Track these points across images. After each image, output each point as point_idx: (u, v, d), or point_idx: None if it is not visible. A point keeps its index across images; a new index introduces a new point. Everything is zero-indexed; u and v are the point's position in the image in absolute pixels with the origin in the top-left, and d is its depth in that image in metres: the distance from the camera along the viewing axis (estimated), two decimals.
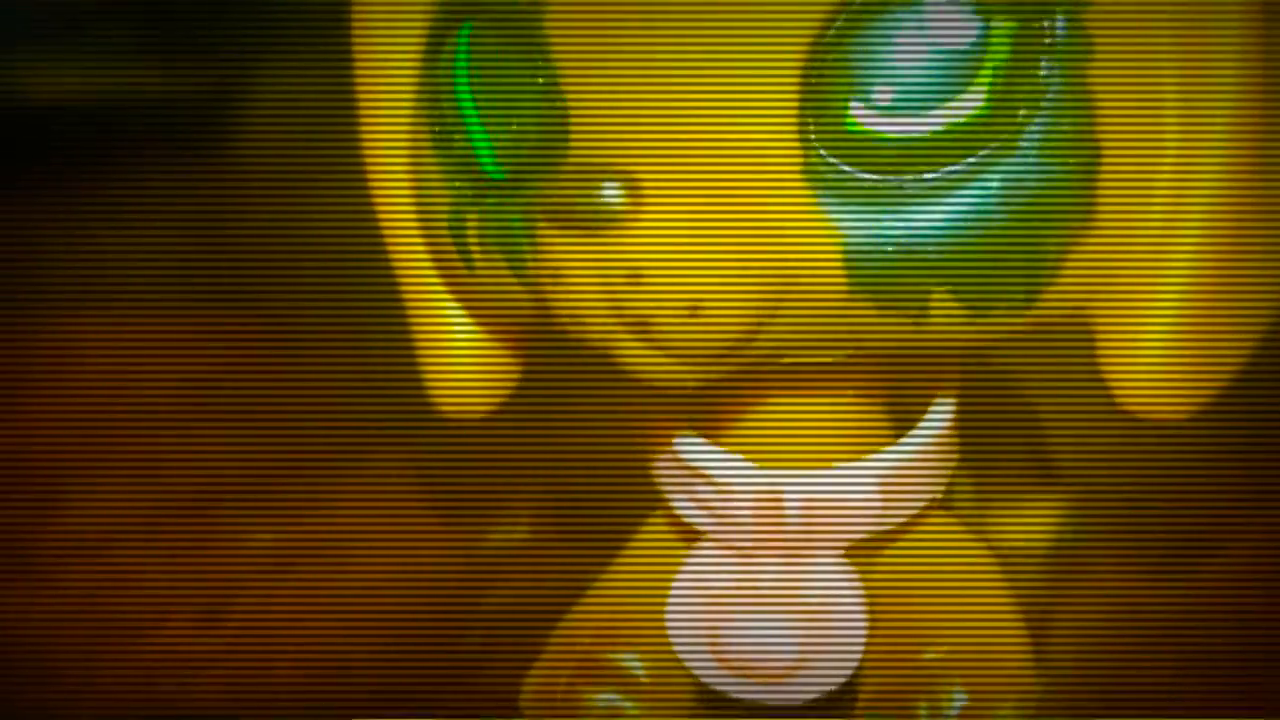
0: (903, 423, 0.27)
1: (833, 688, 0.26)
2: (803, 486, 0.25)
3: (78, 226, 0.66)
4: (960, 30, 0.21)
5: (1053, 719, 0.26)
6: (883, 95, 0.21)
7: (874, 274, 0.22)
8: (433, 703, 0.28)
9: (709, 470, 0.26)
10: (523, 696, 0.27)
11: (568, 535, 0.34)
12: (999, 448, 0.30)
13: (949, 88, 0.21)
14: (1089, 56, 0.21)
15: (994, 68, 0.21)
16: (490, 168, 0.23)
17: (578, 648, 0.27)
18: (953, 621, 0.27)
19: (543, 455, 0.37)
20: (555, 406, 0.34)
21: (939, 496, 0.27)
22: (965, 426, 0.27)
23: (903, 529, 0.27)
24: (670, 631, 0.26)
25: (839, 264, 0.22)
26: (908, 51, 0.21)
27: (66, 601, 0.32)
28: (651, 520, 0.28)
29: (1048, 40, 0.21)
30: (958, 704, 0.25)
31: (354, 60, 0.26)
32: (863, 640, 0.26)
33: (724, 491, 0.26)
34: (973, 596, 0.27)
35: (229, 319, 0.52)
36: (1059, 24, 0.21)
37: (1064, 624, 0.30)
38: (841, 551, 0.26)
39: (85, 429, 0.41)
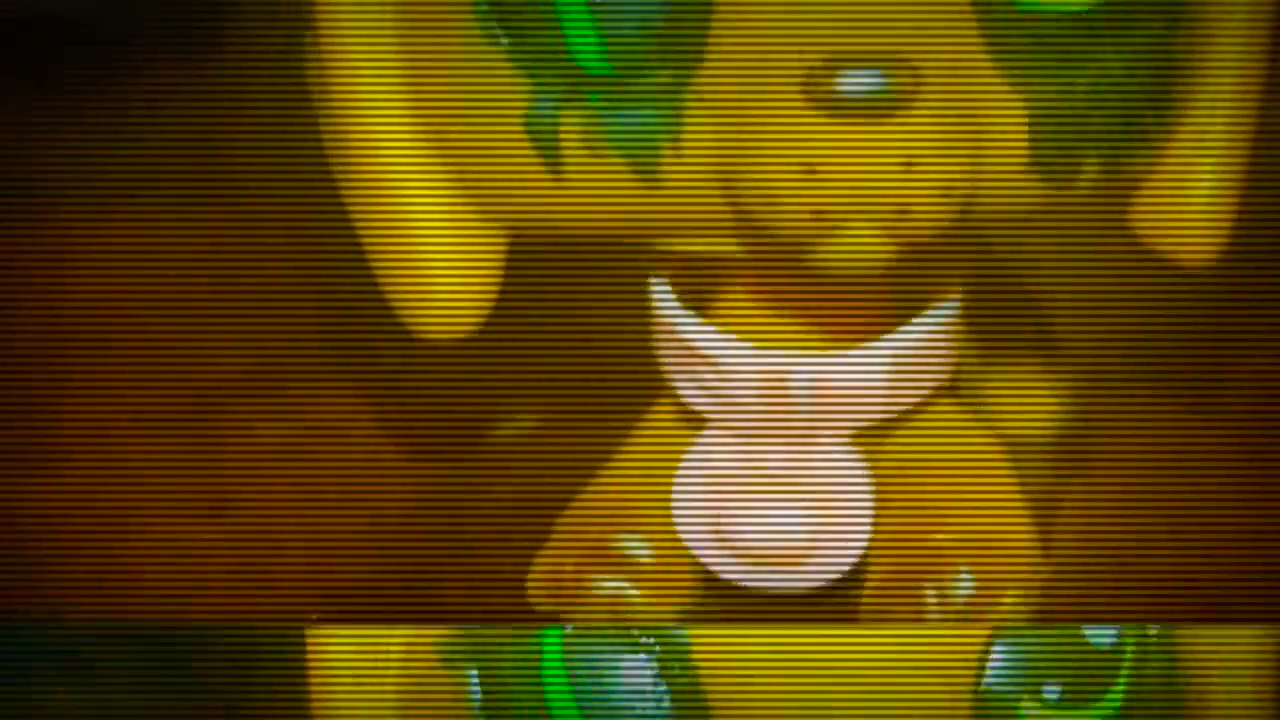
0: (906, 307, 0.27)
1: (839, 574, 0.26)
2: (810, 369, 0.25)
3: (81, 129, 0.65)
4: None
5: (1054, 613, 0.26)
6: None
7: (1051, 142, 0.23)
8: (433, 599, 0.27)
9: (714, 354, 0.26)
10: (529, 585, 0.27)
11: (572, 427, 0.34)
12: (1004, 331, 0.30)
13: None
14: None
15: None
16: (594, 63, 0.22)
17: (584, 535, 0.27)
18: (959, 507, 0.26)
19: (543, 355, 0.37)
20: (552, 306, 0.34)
21: (945, 382, 0.27)
22: (971, 311, 0.27)
23: (909, 415, 0.27)
24: (676, 518, 0.26)
25: (1024, 135, 0.23)
26: None
27: (72, 495, 0.32)
28: (657, 406, 0.28)
29: None
30: (964, 588, 0.25)
31: None
32: (870, 526, 0.26)
33: (727, 374, 0.25)
34: (979, 482, 0.27)
35: (230, 219, 0.52)
36: None
37: (1069, 514, 0.30)
38: (848, 437, 0.26)
39: (89, 328, 0.41)
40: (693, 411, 0.27)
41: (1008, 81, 0.22)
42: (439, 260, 0.25)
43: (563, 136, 0.23)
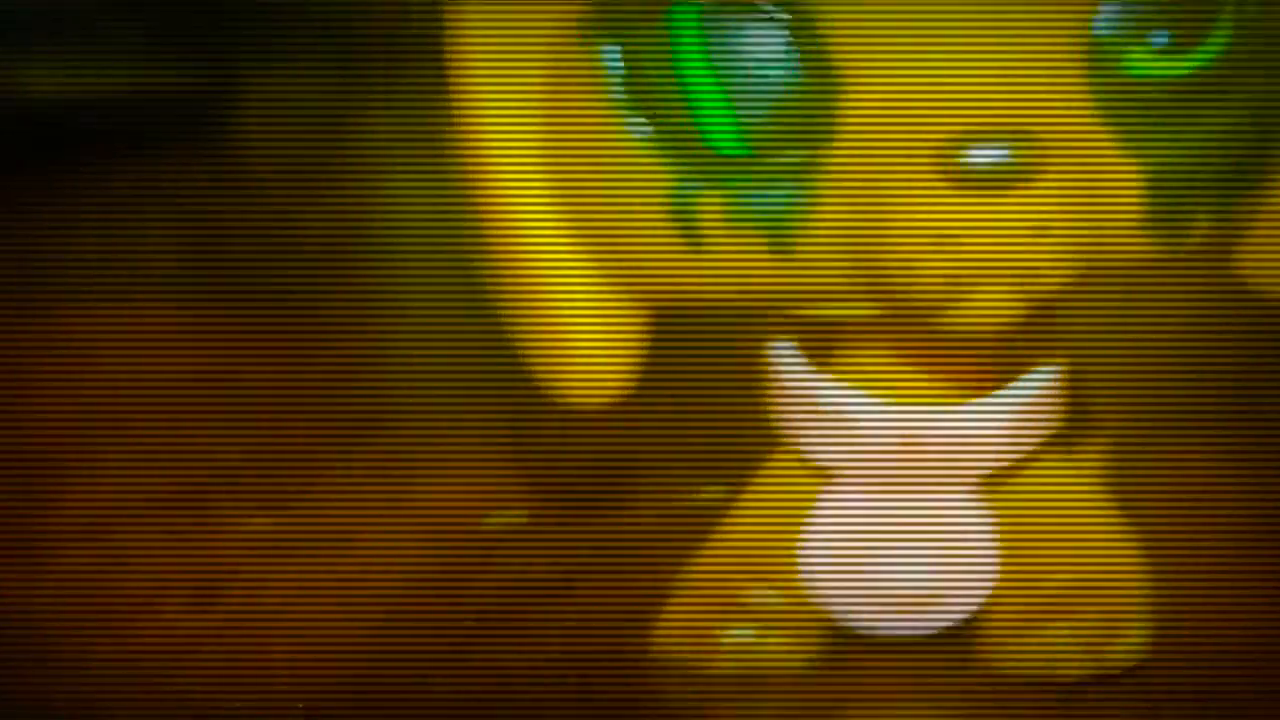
0: (1021, 359, 0.28)
1: (965, 617, 0.27)
2: (941, 421, 0.26)
3: (80, 220, 0.66)
4: None
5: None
6: (1157, 38, 0.23)
7: (1166, 205, 0.24)
8: (424, 690, 0.28)
9: (849, 412, 0.27)
10: (658, 635, 0.28)
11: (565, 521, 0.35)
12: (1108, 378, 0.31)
13: (1204, 28, 0.24)
14: None
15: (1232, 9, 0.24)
16: (729, 144, 0.24)
17: (714, 587, 0.28)
18: (1076, 550, 0.28)
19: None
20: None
21: (1056, 429, 0.28)
22: (1079, 360, 0.28)
23: (1021, 464, 0.28)
24: (805, 568, 0.27)
25: (1139, 198, 0.24)
26: None
27: (62, 585, 0.32)
28: (773, 461, 0.29)
29: None
30: (1089, 628, 0.27)
31: (452, 61, 0.26)
32: (995, 570, 0.27)
33: (864, 432, 0.27)
34: (1091, 525, 0.28)
35: (225, 311, 0.53)
36: None
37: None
38: (972, 485, 0.27)
39: (83, 417, 0.42)
40: (815, 465, 0.28)
41: (1121, 145, 0.24)
42: (584, 333, 0.26)
43: (702, 215, 0.24)
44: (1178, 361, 0.35)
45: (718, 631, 0.28)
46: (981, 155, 0.22)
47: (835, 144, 0.23)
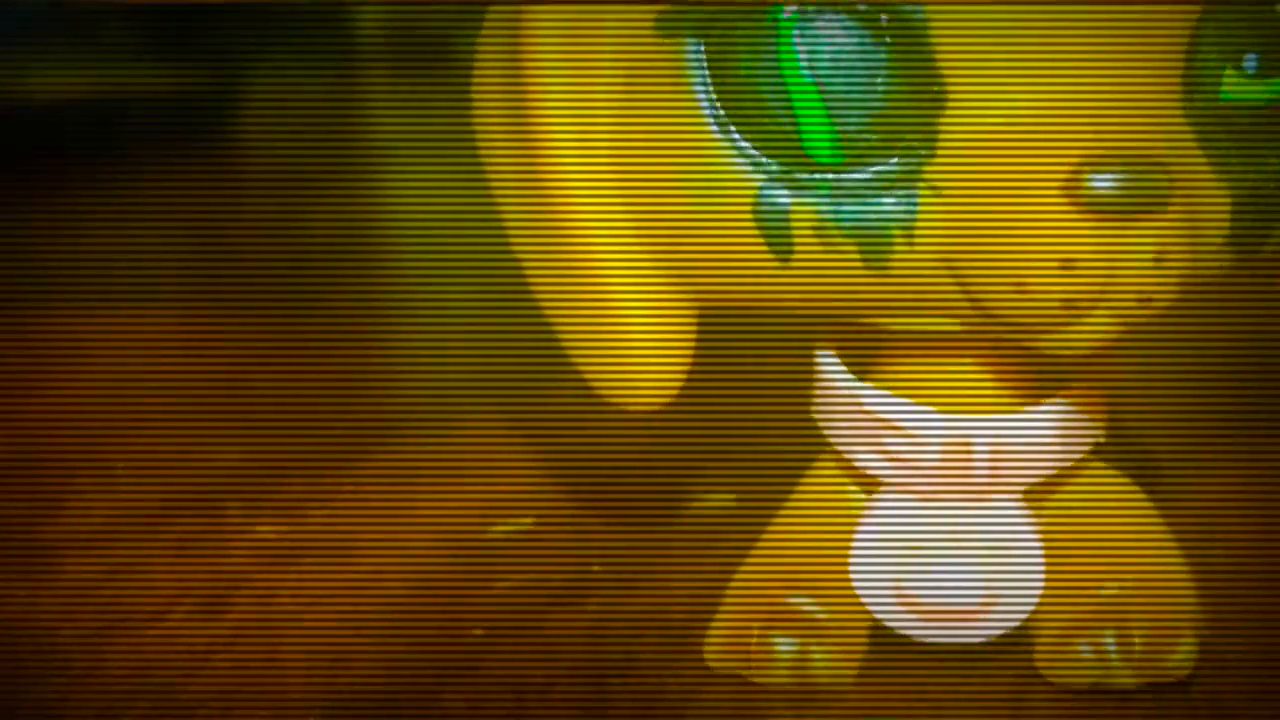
0: (1064, 370, 0.28)
1: (1014, 625, 0.27)
2: (992, 431, 0.26)
3: (92, 224, 0.66)
4: None
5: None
6: (1250, 63, 0.24)
7: (1249, 224, 0.24)
8: (436, 699, 0.28)
9: (898, 420, 0.27)
10: (708, 645, 0.28)
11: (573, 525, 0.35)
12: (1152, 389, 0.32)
13: None
14: None
15: None
16: (826, 153, 0.23)
17: (764, 596, 0.28)
18: (1124, 559, 0.28)
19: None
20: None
21: (1100, 440, 0.28)
22: (1122, 372, 0.28)
23: (1068, 474, 0.28)
24: (856, 577, 0.27)
25: (1226, 219, 0.24)
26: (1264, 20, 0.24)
27: (72, 593, 0.32)
28: (817, 469, 0.29)
29: None
30: (1141, 636, 0.27)
31: (523, 65, 0.25)
32: (1042, 579, 0.27)
33: (912, 439, 0.27)
34: (1139, 535, 0.28)
35: (233, 316, 0.53)
36: None
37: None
38: (1020, 494, 0.27)
39: (93, 424, 0.42)
40: (862, 473, 0.28)
41: (1213, 169, 0.24)
42: (637, 335, 0.26)
43: (793, 224, 0.24)
44: (1222, 375, 0.35)
45: (766, 641, 0.28)
46: (1112, 181, 0.22)
47: (938, 157, 0.23)
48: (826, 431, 0.28)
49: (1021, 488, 0.27)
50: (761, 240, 0.24)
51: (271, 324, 0.51)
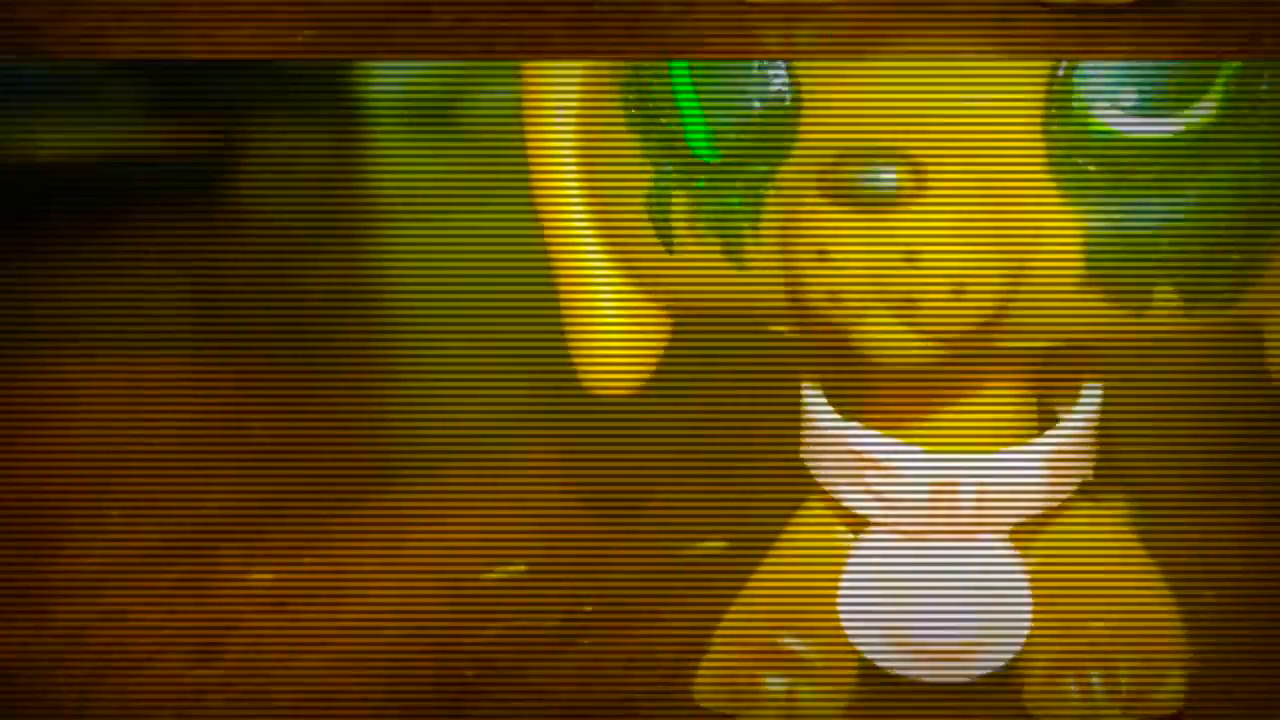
0: (1048, 409, 0.28)
1: (1001, 664, 0.27)
2: (977, 470, 0.27)
3: (82, 275, 0.66)
4: None
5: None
6: (1128, 97, 0.23)
7: (1110, 263, 0.24)
8: None
9: (884, 459, 0.27)
10: (698, 688, 0.28)
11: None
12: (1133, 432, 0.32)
13: (1189, 94, 0.23)
14: None
15: (1225, 79, 0.23)
16: (704, 151, 0.25)
17: (752, 635, 0.28)
18: (1111, 597, 0.28)
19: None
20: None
21: (1088, 478, 0.28)
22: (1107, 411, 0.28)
23: (1054, 512, 0.28)
24: (844, 616, 0.28)
25: (1079, 253, 0.24)
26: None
27: (65, 637, 0.32)
28: (806, 509, 0.29)
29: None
30: (1128, 673, 0.27)
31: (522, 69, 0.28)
32: (1030, 618, 0.27)
33: (898, 479, 0.27)
34: (1126, 573, 0.28)
35: (228, 363, 0.53)
36: None
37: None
38: (1006, 533, 0.27)
39: (87, 469, 0.42)
40: (850, 513, 0.28)
41: (1063, 196, 0.24)
42: (606, 326, 0.28)
43: (673, 216, 0.25)
44: (1201, 420, 0.35)
45: (755, 680, 0.28)
46: (853, 173, 0.23)
47: (788, 160, 0.24)
48: (814, 471, 0.28)
49: (1008, 526, 0.27)
50: (652, 228, 0.26)
51: (266, 371, 0.52)
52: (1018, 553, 0.27)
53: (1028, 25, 0.27)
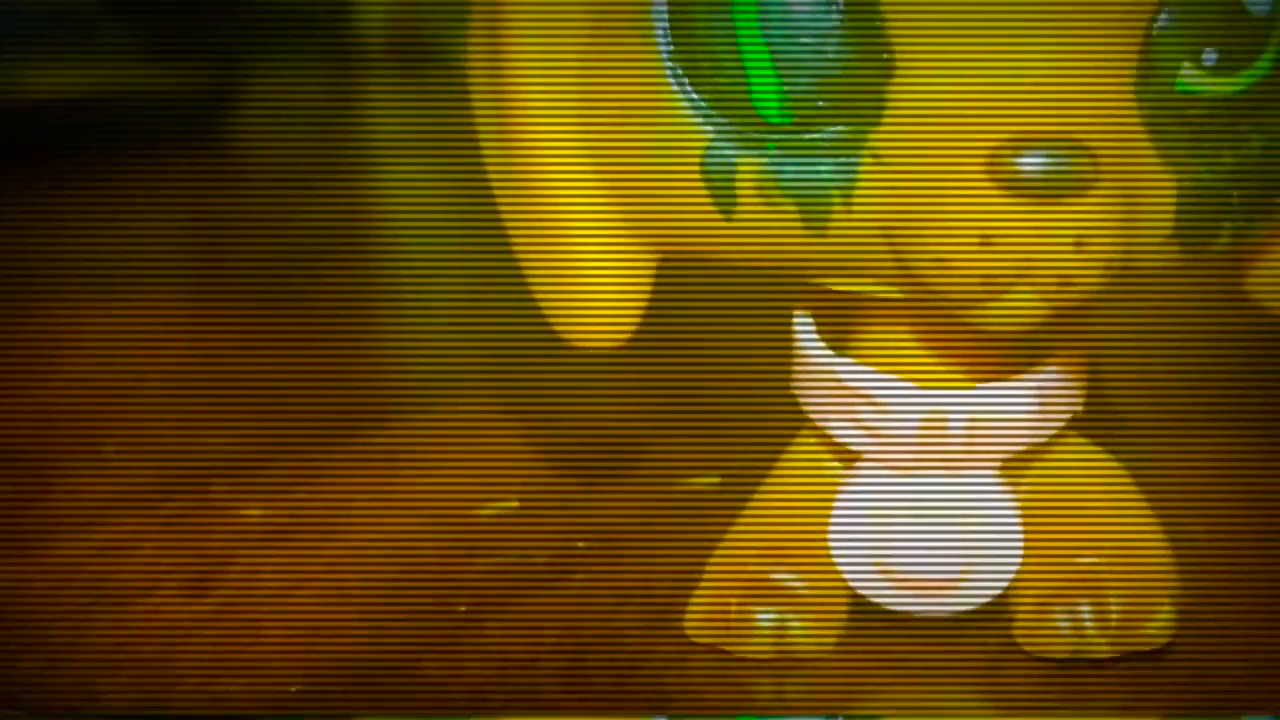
0: (1042, 346, 0.28)
1: (991, 597, 0.27)
2: (967, 404, 0.27)
3: (76, 217, 0.66)
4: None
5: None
6: (1209, 56, 0.24)
7: (1193, 219, 0.24)
8: (417, 675, 0.28)
9: (875, 393, 0.27)
10: (688, 618, 0.28)
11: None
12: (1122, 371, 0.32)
13: (1252, 51, 0.24)
14: None
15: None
16: (774, 113, 0.24)
17: (743, 569, 0.28)
18: (1101, 530, 0.28)
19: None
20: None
21: (1077, 414, 0.28)
22: (1099, 349, 0.28)
23: (1044, 446, 0.28)
24: (835, 550, 0.28)
25: (1172, 211, 0.24)
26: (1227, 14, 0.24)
27: (59, 572, 0.32)
28: (797, 443, 0.29)
29: None
30: (1118, 606, 0.27)
31: (501, 19, 0.26)
32: (1020, 551, 0.27)
33: (889, 412, 0.27)
34: (1116, 506, 0.28)
35: (221, 302, 0.53)
36: None
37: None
38: (996, 467, 0.27)
39: (81, 408, 0.42)
40: (841, 447, 0.28)
41: (1162, 159, 0.24)
42: (593, 274, 0.26)
43: (737, 180, 0.24)
44: (1191, 354, 0.35)
45: (746, 613, 0.28)
46: (1034, 162, 0.22)
47: (883, 126, 0.24)
48: (804, 405, 0.28)
49: (998, 460, 0.27)
50: (708, 193, 0.24)
51: (259, 309, 0.52)
52: (1008, 486, 0.27)
53: None
